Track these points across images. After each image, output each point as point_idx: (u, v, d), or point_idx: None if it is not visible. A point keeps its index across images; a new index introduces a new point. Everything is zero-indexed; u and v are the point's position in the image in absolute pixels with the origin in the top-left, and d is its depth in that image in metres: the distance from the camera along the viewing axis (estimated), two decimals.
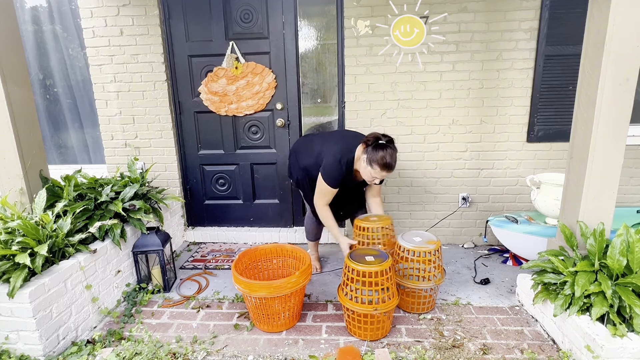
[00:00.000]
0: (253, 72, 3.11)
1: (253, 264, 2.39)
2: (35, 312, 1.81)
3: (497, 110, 2.99)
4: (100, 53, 3.11)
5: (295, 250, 2.39)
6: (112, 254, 2.39)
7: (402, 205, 3.25)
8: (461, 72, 2.94)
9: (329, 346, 2.00)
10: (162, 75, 3.13)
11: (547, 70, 2.86)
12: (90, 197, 2.43)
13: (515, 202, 3.18)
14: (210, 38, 3.10)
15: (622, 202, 3.15)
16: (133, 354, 1.88)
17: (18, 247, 1.91)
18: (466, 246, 3.24)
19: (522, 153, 3.06)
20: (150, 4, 3.01)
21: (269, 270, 2.47)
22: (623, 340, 1.64)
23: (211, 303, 2.44)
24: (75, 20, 3.33)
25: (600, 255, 1.88)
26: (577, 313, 1.80)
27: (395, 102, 3.03)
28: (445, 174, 3.16)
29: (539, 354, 1.90)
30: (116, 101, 3.20)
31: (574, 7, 2.72)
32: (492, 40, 2.86)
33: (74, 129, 3.65)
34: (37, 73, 3.50)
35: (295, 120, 3.21)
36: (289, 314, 2.13)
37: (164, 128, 3.25)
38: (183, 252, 3.28)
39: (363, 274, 1.94)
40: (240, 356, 1.93)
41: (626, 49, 1.82)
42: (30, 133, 2.35)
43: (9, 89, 2.20)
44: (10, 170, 2.29)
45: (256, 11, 3.03)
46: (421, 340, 2.03)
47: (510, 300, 2.41)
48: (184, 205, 3.48)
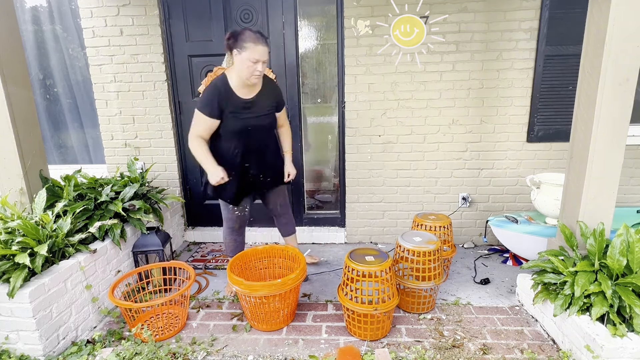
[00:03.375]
0: None
1: (247, 265, 2.40)
2: (35, 312, 1.81)
3: (497, 110, 3.00)
4: (100, 53, 3.11)
5: (288, 249, 2.42)
6: (112, 254, 2.39)
7: (401, 205, 3.25)
8: (461, 72, 2.94)
9: (329, 346, 2.00)
10: (162, 75, 3.13)
11: (547, 70, 2.87)
12: (90, 197, 2.43)
13: (515, 202, 3.18)
14: (210, 38, 3.10)
15: (622, 202, 3.15)
16: (133, 354, 1.88)
17: (18, 247, 1.91)
18: (466, 246, 3.24)
19: (522, 153, 3.06)
20: (150, 4, 3.01)
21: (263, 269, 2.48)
22: (623, 340, 1.64)
23: (211, 303, 2.44)
24: (75, 20, 3.33)
25: (600, 255, 1.88)
26: (577, 313, 1.80)
27: (395, 102, 3.03)
28: (445, 174, 3.16)
29: (539, 354, 1.90)
30: (116, 101, 3.20)
31: (574, 7, 2.72)
32: (492, 40, 2.86)
33: (74, 129, 3.65)
34: (37, 73, 3.50)
35: (295, 120, 3.21)
36: (288, 311, 2.15)
37: (164, 128, 3.25)
38: (183, 252, 3.28)
39: (363, 274, 1.94)
40: (240, 356, 1.93)
41: (626, 49, 1.82)
42: (30, 133, 2.35)
43: (9, 89, 2.20)
44: (10, 170, 2.29)
45: (256, 11, 3.03)
46: (421, 340, 2.03)
47: (510, 300, 2.41)
48: (184, 205, 3.48)
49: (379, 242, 3.34)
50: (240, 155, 2.23)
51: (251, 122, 2.21)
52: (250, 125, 2.21)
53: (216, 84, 2.11)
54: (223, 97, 2.10)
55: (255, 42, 1.97)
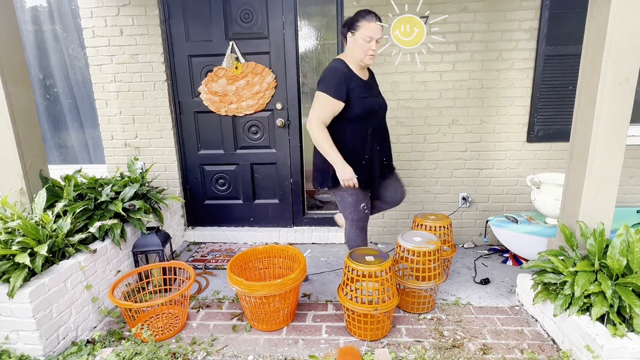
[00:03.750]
0: (253, 72, 3.11)
1: (247, 265, 2.40)
2: (35, 312, 1.81)
3: (497, 110, 3.00)
4: (100, 53, 3.11)
5: (288, 249, 2.41)
6: (112, 254, 2.39)
7: (401, 205, 3.23)
8: (461, 72, 2.94)
9: (329, 346, 2.00)
10: (162, 75, 3.13)
11: (547, 70, 2.87)
12: (90, 197, 2.43)
13: (515, 202, 3.18)
14: (210, 38, 3.10)
15: (622, 202, 3.15)
16: (133, 354, 1.88)
17: (18, 247, 1.91)
18: (466, 246, 3.24)
19: (522, 153, 3.06)
20: (150, 4, 3.01)
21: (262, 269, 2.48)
22: (623, 340, 1.64)
23: (211, 303, 2.44)
24: (75, 20, 3.33)
25: (600, 255, 1.88)
26: (577, 313, 1.80)
27: (395, 102, 3.03)
28: (445, 174, 3.16)
29: (539, 354, 1.90)
30: (116, 101, 3.20)
31: (574, 7, 2.72)
32: (492, 40, 2.86)
33: (73, 129, 3.65)
34: (37, 73, 3.50)
35: (295, 120, 3.21)
36: (288, 311, 2.15)
37: (164, 128, 3.25)
38: (183, 252, 3.28)
39: (363, 274, 1.94)
40: (240, 356, 1.93)
41: (626, 49, 1.82)
42: (30, 133, 2.35)
43: (9, 89, 2.20)
44: (10, 170, 2.29)
45: (256, 11, 3.03)
46: (421, 340, 2.03)
47: (510, 300, 2.41)
48: (184, 205, 3.48)
49: (379, 242, 3.34)
50: (371, 137, 2.12)
51: (375, 102, 2.13)
52: (376, 105, 2.13)
53: (336, 67, 2.01)
54: (348, 78, 2.01)
55: (368, 19, 1.91)
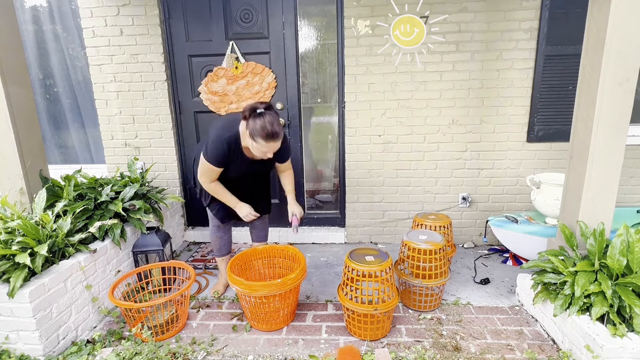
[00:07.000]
0: (253, 72, 3.11)
1: (247, 265, 2.40)
2: (35, 312, 1.81)
3: (497, 110, 3.00)
4: (100, 53, 3.11)
5: (288, 249, 2.41)
6: (112, 253, 2.39)
7: (401, 205, 3.25)
8: (461, 72, 2.94)
9: (329, 346, 2.00)
10: (162, 75, 3.13)
11: (547, 70, 2.86)
12: (90, 197, 2.43)
13: (515, 202, 3.18)
14: (210, 38, 3.10)
15: (622, 202, 3.15)
16: (133, 354, 1.88)
17: (18, 247, 1.91)
18: (466, 246, 3.24)
19: (522, 153, 3.06)
20: (150, 4, 3.01)
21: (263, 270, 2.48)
22: (623, 340, 1.64)
23: (211, 303, 2.44)
24: (75, 20, 3.33)
25: (600, 255, 1.88)
26: (577, 313, 1.80)
27: (395, 102, 3.03)
28: (445, 174, 3.16)
29: (539, 354, 1.90)
30: (116, 101, 3.20)
31: (574, 7, 2.72)
32: (492, 40, 2.86)
33: (74, 129, 3.65)
34: (37, 73, 3.50)
35: (295, 120, 3.21)
36: (288, 311, 2.15)
37: (163, 128, 3.25)
38: (183, 252, 3.28)
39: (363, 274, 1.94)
40: (240, 356, 1.93)
41: (626, 49, 1.82)
42: (30, 133, 2.35)
43: (9, 89, 2.20)
44: (10, 170, 2.29)
45: (256, 11, 3.03)
46: (421, 340, 2.03)
47: (510, 300, 2.41)
48: (183, 205, 3.48)
49: (379, 242, 3.34)
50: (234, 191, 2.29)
51: (250, 171, 2.27)
52: (249, 173, 2.28)
53: (229, 141, 2.07)
54: (232, 155, 2.12)
55: (267, 139, 1.93)
